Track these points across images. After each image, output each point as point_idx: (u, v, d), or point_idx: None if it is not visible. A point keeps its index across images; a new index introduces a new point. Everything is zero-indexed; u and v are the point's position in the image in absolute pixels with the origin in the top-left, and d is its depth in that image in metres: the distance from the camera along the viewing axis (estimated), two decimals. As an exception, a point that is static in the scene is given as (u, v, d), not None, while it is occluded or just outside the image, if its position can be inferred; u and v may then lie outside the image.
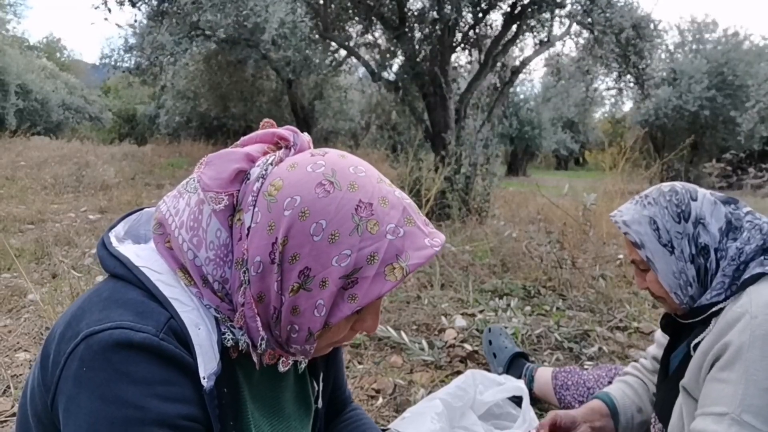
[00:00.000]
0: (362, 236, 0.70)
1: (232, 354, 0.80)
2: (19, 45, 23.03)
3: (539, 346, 2.63)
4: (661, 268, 1.31)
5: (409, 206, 0.76)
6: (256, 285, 0.73)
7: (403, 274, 0.71)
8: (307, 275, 0.71)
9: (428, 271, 3.72)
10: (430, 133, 6.96)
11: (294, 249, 0.70)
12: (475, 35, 7.51)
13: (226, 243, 0.74)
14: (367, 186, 0.73)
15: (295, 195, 0.71)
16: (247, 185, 0.75)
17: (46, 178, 7.97)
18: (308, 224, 0.70)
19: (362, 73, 12.73)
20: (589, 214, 4.18)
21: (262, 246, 0.71)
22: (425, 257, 0.72)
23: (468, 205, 5.94)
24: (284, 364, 0.85)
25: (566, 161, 24.77)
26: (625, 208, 1.38)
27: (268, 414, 0.88)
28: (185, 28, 7.72)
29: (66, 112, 20.70)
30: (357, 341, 2.59)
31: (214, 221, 0.74)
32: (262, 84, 14.13)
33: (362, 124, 16.98)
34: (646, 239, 1.31)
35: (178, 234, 0.76)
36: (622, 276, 3.88)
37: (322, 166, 0.73)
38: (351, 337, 0.82)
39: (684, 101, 12.11)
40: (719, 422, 1.13)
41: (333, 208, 0.70)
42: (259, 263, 0.72)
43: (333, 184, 0.72)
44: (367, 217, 0.71)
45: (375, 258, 0.70)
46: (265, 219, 0.71)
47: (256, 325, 0.75)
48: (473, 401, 1.81)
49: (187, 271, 0.77)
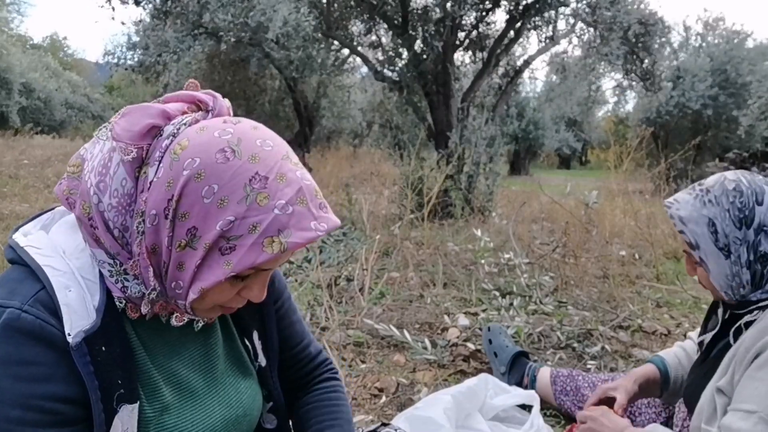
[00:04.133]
0: (249, 206, 0.73)
1: (132, 315, 0.82)
2: (22, 43, 23.07)
3: (542, 345, 2.62)
4: (714, 270, 1.27)
5: (307, 187, 0.77)
6: (150, 237, 0.76)
7: (281, 249, 0.73)
8: (194, 234, 0.74)
9: (431, 270, 3.72)
10: (433, 132, 6.96)
11: (185, 207, 0.73)
12: (478, 34, 7.49)
13: (130, 193, 0.77)
14: (268, 160, 0.75)
15: (196, 156, 0.74)
16: (158, 141, 0.77)
17: (49, 177, 7.99)
18: (201, 186, 0.73)
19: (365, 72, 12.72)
20: (591, 212, 4.17)
21: (159, 200, 0.74)
22: (306, 239, 0.75)
23: (471, 204, 5.94)
24: (178, 319, 0.86)
25: (569, 160, 24.71)
26: (682, 201, 1.31)
27: (191, 372, 0.90)
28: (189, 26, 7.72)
29: (69, 111, 20.73)
30: (360, 340, 2.59)
31: (121, 170, 0.76)
32: (265, 83, 14.11)
33: (365, 123, 16.96)
34: (701, 241, 1.27)
35: (88, 177, 0.79)
36: (625, 275, 3.88)
37: (230, 134, 0.76)
38: (238, 301, 0.84)
39: (687, 99, 12.07)
40: (746, 419, 1.13)
41: (228, 175, 0.73)
42: (154, 216, 0.75)
43: (234, 152, 0.74)
44: (259, 189, 0.73)
45: (256, 229, 0.73)
46: (166, 175, 0.74)
47: (148, 275, 0.77)
48: (483, 404, 1.81)
49: (86, 219, 0.79)
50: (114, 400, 0.78)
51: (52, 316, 0.74)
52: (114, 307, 0.80)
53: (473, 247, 4.37)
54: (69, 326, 0.74)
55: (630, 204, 5.08)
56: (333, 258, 3.90)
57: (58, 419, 0.75)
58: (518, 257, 3.85)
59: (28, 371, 0.73)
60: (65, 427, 0.76)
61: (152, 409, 0.83)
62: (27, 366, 0.73)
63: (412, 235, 4.66)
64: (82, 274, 0.79)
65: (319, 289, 3.04)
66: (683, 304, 3.38)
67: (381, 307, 3.03)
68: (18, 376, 0.72)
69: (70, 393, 0.75)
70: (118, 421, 0.78)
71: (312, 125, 14.13)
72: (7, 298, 0.74)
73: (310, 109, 13.88)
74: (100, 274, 0.80)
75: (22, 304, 0.73)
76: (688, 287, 3.60)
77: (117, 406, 0.78)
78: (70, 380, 0.75)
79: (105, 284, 0.79)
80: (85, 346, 0.75)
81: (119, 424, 0.79)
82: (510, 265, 3.84)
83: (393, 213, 5.93)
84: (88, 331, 0.75)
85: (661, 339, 2.77)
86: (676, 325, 2.97)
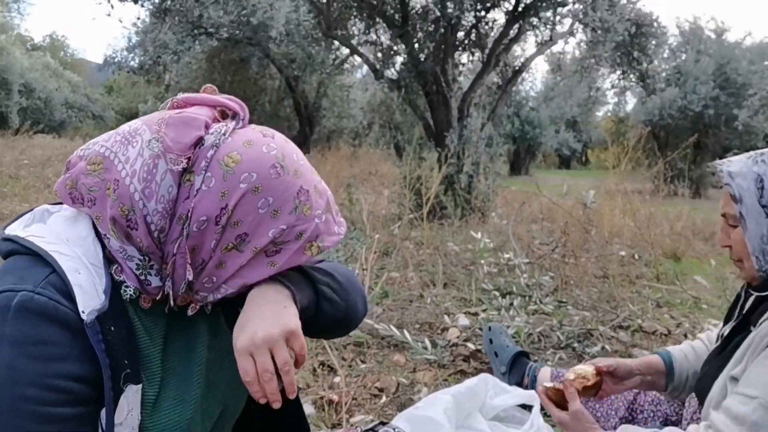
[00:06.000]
0: (298, 216, 0.85)
1: (144, 305, 0.86)
2: (22, 43, 23.05)
3: (542, 345, 2.62)
4: (752, 228, 1.26)
5: (330, 198, 0.92)
6: (194, 239, 0.82)
7: (318, 252, 0.88)
8: (243, 239, 0.83)
9: (431, 270, 3.72)
10: (433, 132, 6.95)
11: (239, 216, 0.82)
12: (477, 34, 7.49)
13: (173, 198, 0.82)
14: (306, 175, 0.88)
15: (252, 172, 0.82)
16: (201, 150, 0.82)
17: (49, 177, 7.99)
18: (258, 198, 0.82)
19: (365, 71, 12.73)
20: (591, 213, 4.17)
21: (212, 208, 0.81)
22: (333, 242, 0.90)
23: (470, 204, 5.94)
24: (192, 309, 0.91)
25: (569, 160, 24.70)
26: (735, 159, 1.32)
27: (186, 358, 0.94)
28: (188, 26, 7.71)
29: (69, 111, 20.73)
30: (360, 340, 2.59)
31: (169, 178, 0.81)
32: (265, 83, 14.11)
33: (365, 123, 16.96)
34: (746, 195, 1.26)
35: (130, 182, 0.81)
36: (625, 275, 3.88)
37: (275, 149, 0.85)
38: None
39: (689, 101, 12.06)
40: (746, 403, 1.13)
41: (281, 189, 0.83)
42: (203, 221, 0.81)
43: (283, 168, 0.84)
44: (304, 201, 0.86)
45: (302, 236, 0.86)
46: (219, 186, 0.81)
47: (184, 272, 0.83)
48: (483, 404, 1.81)
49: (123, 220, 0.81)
50: (121, 379, 0.80)
51: (65, 297, 0.77)
52: (118, 291, 0.83)
53: (473, 247, 4.37)
54: (82, 305, 0.77)
55: (629, 204, 5.08)
56: (333, 258, 3.90)
57: (72, 398, 0.76)
58: (518, 257, 3.85)
59: (44, 351, 0.74)
60: (79, 406, 0.77)
61: (152, 391, 0.86)
62: (42, 346, 0.74)
63: (411, 235, 4.67)
64: (88, 259, 0.82)
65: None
66: (683, 304, 3.38)
67: (381, 307, 3.03)
68: (33, 356, 0.74)
69: (84, 372, 0.77)
70: (124, 401, 0.81)
71: (312, 125, 14.13)
72: (18, 282, 0.76)
73: (310, 108, 13.88)
74: (104, 261, 0.83)
75: (35, 286, 0.76)
76: (688, 287, 3.60)
77: (123, 386, 0.80)
78: (83, 359, 0.77)
79: (108, 269, 0.83)
80: (97, 324, 0.78)
81: (125, 404, 0.81)
82: (510, 265, 3.84)
83: (393, 213, 5.94)
84: (100, 310, 0.78)
85: (661, 339, 2.77)
86: (676, 325, 2.97)
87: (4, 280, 0.77)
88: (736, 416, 1.15)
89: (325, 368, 2.32)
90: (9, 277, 0.77)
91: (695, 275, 3.96)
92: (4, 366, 0.72)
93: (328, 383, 2.18)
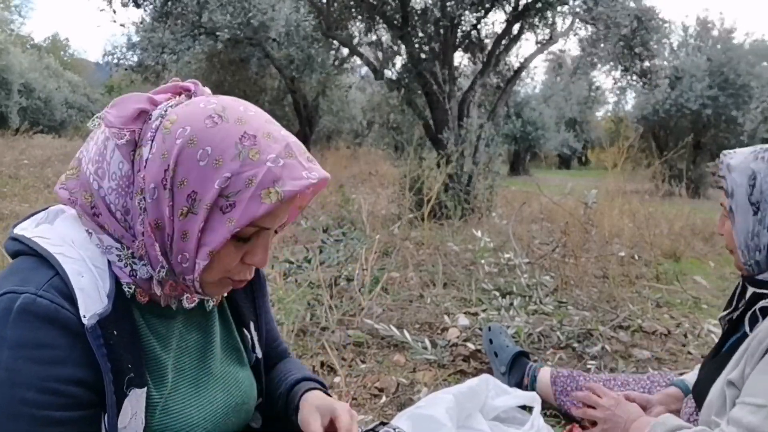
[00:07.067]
0: (243, 162, 0.77)
1: (141, 299, 0.85)
2: (22, 44, 23.05)
3: (542, 345, 2.62)
4: (739, 223, 1.29)
5: (294, 143, 0.83)
6: (152, 211, 0.79)
7: (279, 199, 0.78)
8: (194, 198, 0.78)
9: (431, 270, 3.72)
10: (432, 131, 6.95)
11: (182, 174, 0.78)
12: (477, 34, 7.49)
13: (128, 175, 0.81)
14: (253, 122, 0.81)
15: (186, 125, 0.79)
16: (148, 124, 0.81)
17: (49, 177, 7.99)
18: (195, 150, 0.77)
19: (365, 71, 12.73)
20: (591, 212, 4.17)
21: (156, 173, 0.78)
22: (300, 186, 0.79)
23: (470, 204, 5.94)
24: (189, 300, 0.90)
25: (569, 160, 24.68)
26: (739, 152, 1.34)
27: (194, 359, 0.94)
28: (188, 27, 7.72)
29: (69, 111, 20.73)
30: (360, 340, 2.59)
31: (117, 155, 0.81)
32: (265, 83, 14.11)
33: (364, 123, 16.96)
34: (738, 190, 1.29)
35: (86, 168, 0.83)
36: (624, 275, 3.88)
37: (214, 104, 0.82)
38: (244, 271, 0.88)
39: (686, 99, 12.06)
40: (756, 413, 1.13)
41: (219, 137, 0.78)
42: (153, 189, 0.78)
43: (221, 117, 0.80)
44: (249, 146, 0.78)
45: (252, 182, 0.77)
46: (160, 149, 0.79)
47: (155, 252, 0.81)
48: (483, 404, 1.81)
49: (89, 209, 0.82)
50: (124, 383, 0.80)
51: (67, 300, 0.76)
52: (123, 295, 0.83)
53: (473, 247, 4.37)
54: (84, 309, 0.77)
55: (629, 204, 5.08)
56: (333, 258, 3.90)
57: (72, 402, 0.76)
58: (518, 257, 3.85)
59: (44, 354, 0.74)
60: (78, 410, 0.77)
61: (159, 393, 0.86)
62: (42, 349, 0.74)
63: (411, 235, 4.66)
64: (93, 262, 0.82)
65: (319, 289, 3.04)
66: (683, 304, 3.38)
67: (381, 307, 3.03)
68: (34, 359, 0.74)
69: (85, 376, 0.77)
70: (128, 404, 0.80)
71: (312, 125, 14.13)
72: (21, 284, 0.76)
73: (309, 108, 13.88)
74: (108, 263, 0.82)
75: (38, 289, 0.75)
76: (688, 287, 3.60)
77: (127, 390, 0.80)
78: (84, 363, 0.77)
79: (113, 272, 0.82)
80: (98, 329, 0.77)
81: (128, 407, 0.81)
82: (510, 265, 3.84)
83: (392, 213, 5.93)
84: (102, 314, 0.78)
85: (661, 339, 2.77)
86: (676, 325, 2.97)
87: (8, 281, 0.77)
88: (748, 427, 1.14)
89: (325, 368, 2.32)
90: (13, 278, 0.78)
91: (695, 275, 3.96)
92: (4, 368, 0.73)
93: (328, 383, 2.18)
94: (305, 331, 2.65)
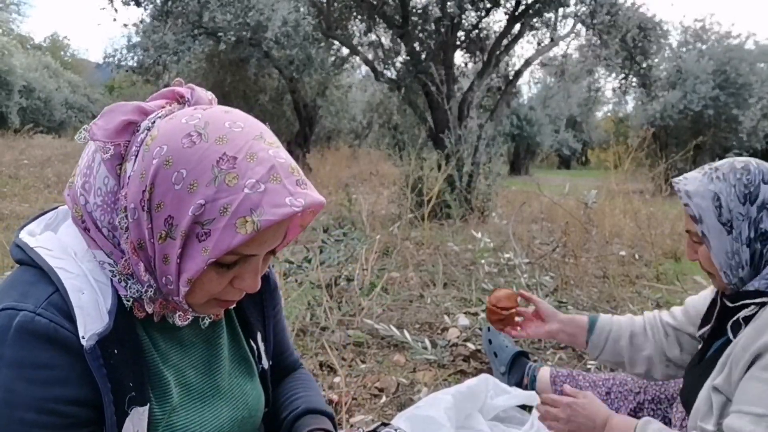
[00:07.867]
0: (218, 187, 0.71)
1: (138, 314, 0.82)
2: (22, 44, 23.06)
3: (542, 345, 2.62)
4: (715, 246, 1.28)
5: (281, 165, 0.75)
6: (134, 232, 0.75)
7: (255, 229, 0.71)
8: (171, 223, 0.73)
9: (431, 270, 3.72)
10: (433, 132, 6.95)
11: (159, 197, 0.72)
12: (478, 34, 7.49)
13: (113, 191, 0.77)
14: (237, 140, 0.74)
15: (164, 144, 0.73)
16: (135, 137, 0.77)
17: (49, 177, 8.00)
18: (171, 173, 0.72)
19: (365, 71, 12.73)
20: (591, 212, 4.17)
21: (135, 192, 0.74)
22: (280, 215, 0.72)
23: (470, 204, 5.94)
24: (182, 318, 0.86)
25: (569, 160, 24.70)
26: (691, 177, 1.33)
27: (200, 373, 0.91)
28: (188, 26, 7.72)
29: (69, 111, 20.73)
30: (360, 340, 2.59)
31: (103, 169, 0.78)
32: (265, 83, 14.10)
33: (364, 123, 16.97)
34: (705, 215, 1.27)
35: (76, 180, 0.81)
36: (625, 275, 3.88)
37: (197, 119, 0.75)
38: (234, 293, 0.83)
39: (689, 101, 12.06)
40: (757, 423, 1.11)
41: (195, 159, 0.72)
42: (133, 209, 0.74)
43: (201, 135, 0.73)
44: (227, 170, 0.71)
45: (227, 210, 0.71)
46: (139, 167, 0.74)
47: (139, 271, 0.78)
48: (483, 404, 1.81)
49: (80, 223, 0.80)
50: (125, 402, 0.78)
51: (66, 319, 0.74)
52: (125, 309, 0.80)
53: (473, 247, 4.37)
54: (83, 329, 0.74)
55: (630, 204, 5.08)
56: (333, 258, 3.90)
57: (71, 422, 0.75)
58: (518, 257, 3.85)
59: (42, 374, 0.73)
60: (77, 429, 0.76)
61: (162, 410, 0.84)
62: (41, 369, 0.73)
63: (411, 235, 4.66)
64: (94, 276, 0.79)
65: (318, 289, 3.04)
66: (683, 304, 3.37)
67: (381, 307, 3.03)
68: (32, 380, 0.72)
69: (84, 396, 0.75)
70: (130, 423, 0.79)
71: (312, 125, 14.12)
72: (20, 300, 0.74)
73: (309, 108, 13.87)
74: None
75: (36, 307, 0.73)
76: (688, 287, 3.60)
77: (128, 409, 0.78)
78: (83, 383, 0.75)
79: (115, 287, 0.80)
80: (98, 349, 0.75)
81: (130, 426, 0.79)
82: (510, 265, 3.84)
83: (393, 213, 5.94)
84: (101, 333, 0.75)
85: (661, 339, 2.77)
86: (676, 325, 2.96)
87: (8, 294, 0.76)
88: None
89: (325, 368, 2.32)
90: (12, 292, 0.76)
91: (695, 275, 3.95)
92: (3, 389, 0.71)
93: (328, 383, 2.18)
94: (305, 331, 2.65)
